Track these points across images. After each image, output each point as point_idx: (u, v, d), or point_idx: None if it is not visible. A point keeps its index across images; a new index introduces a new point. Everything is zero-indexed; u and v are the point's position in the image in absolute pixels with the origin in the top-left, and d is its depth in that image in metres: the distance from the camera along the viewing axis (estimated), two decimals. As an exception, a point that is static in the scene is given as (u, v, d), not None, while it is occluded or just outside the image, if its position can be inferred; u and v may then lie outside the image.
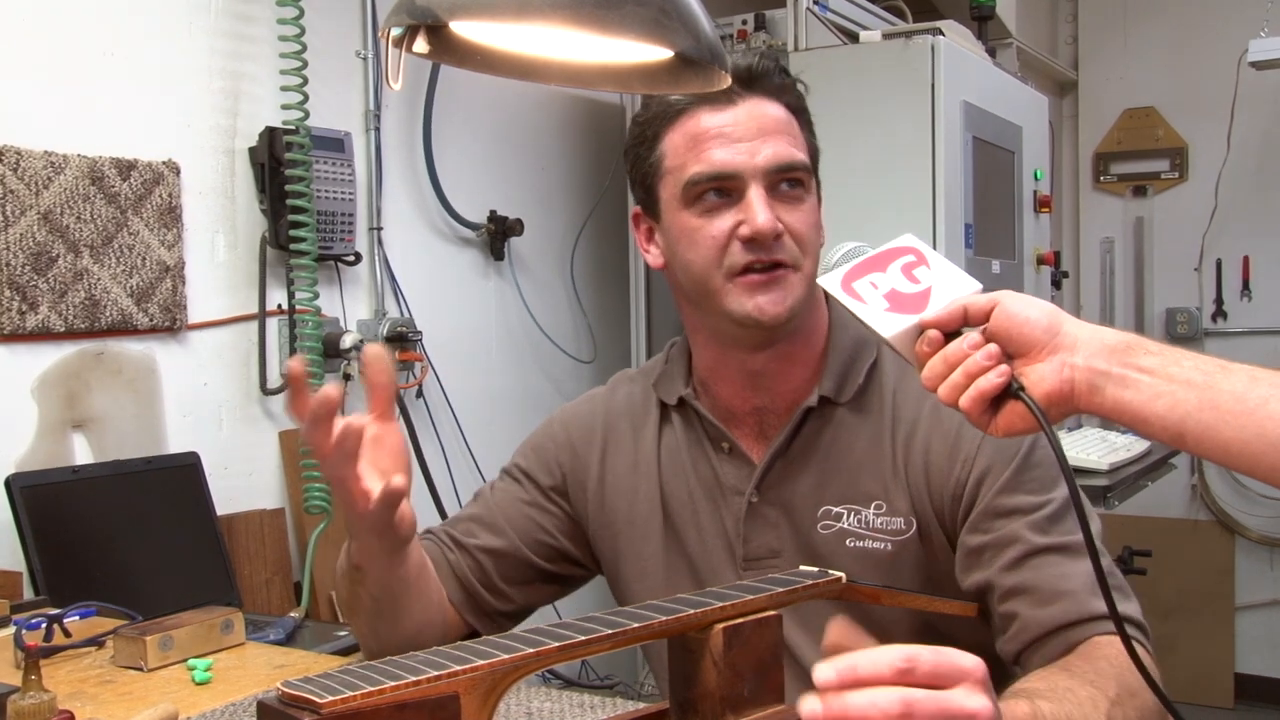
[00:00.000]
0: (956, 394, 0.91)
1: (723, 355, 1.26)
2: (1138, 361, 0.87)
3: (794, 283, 1.19)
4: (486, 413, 2.77)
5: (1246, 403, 0.83)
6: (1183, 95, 4.26)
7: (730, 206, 1.18)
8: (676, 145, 1.21)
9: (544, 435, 1.38)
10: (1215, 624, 4.18)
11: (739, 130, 1.18)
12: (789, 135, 1.20)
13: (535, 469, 1.36)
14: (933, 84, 2.55)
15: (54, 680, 1.26)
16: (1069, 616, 1.07)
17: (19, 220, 1.83)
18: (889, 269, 0.98)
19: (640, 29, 0.75)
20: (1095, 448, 2.62)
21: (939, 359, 0.93)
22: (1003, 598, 1.11)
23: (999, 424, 0.91)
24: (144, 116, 2.04)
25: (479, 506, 1.36)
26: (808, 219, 1.21)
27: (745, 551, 1.24)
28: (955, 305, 0.94)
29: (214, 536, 1.99)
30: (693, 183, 1.19)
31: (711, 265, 1.19)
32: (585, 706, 1.16)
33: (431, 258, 2.67)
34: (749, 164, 1.17)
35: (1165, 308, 4.33)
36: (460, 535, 1.32)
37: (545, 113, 2.99)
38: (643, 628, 0.88)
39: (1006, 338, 0.91)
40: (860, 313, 0.97)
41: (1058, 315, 0.91)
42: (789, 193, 1.20)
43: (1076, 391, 0.89)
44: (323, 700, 0.73)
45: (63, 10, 1.92)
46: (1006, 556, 1.11)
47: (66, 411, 1.92)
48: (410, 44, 0.86)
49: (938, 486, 1.18)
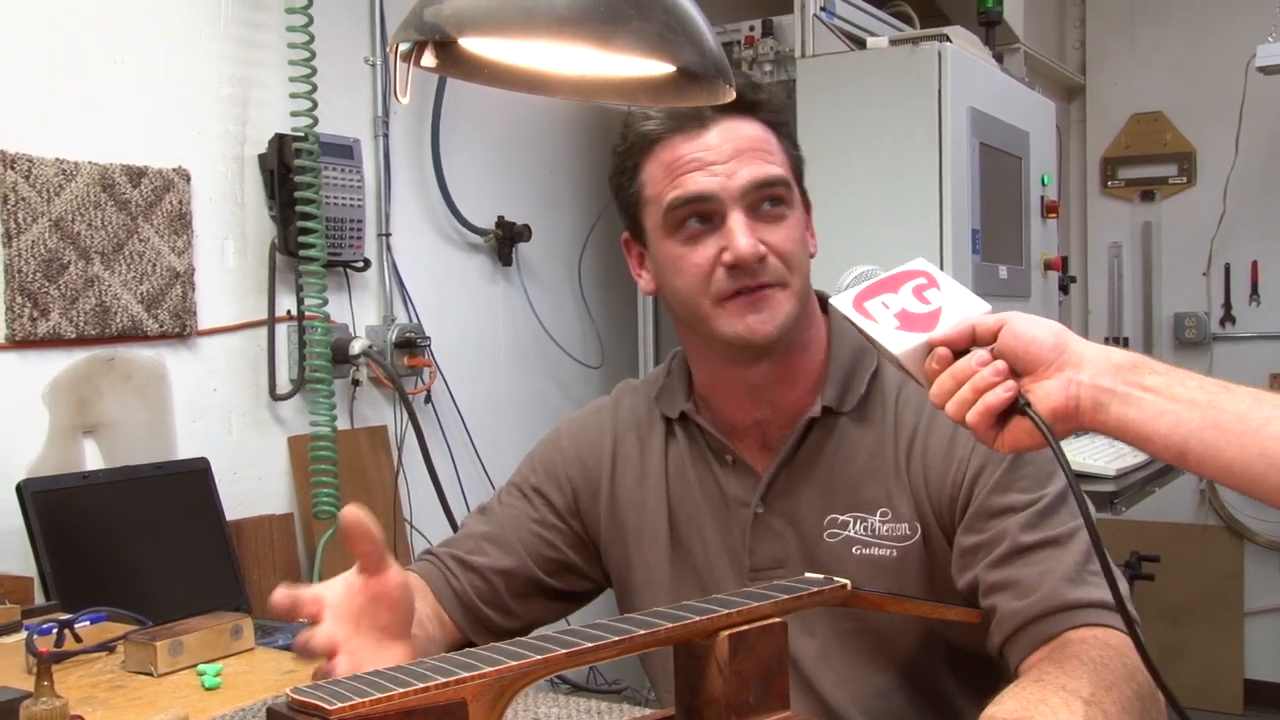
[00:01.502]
0: (964, 409, 0.93)
1: (722, 371, 1.26)
2: (1142, 380, 0.89)
3: (782, 300, 1.19)
4: (494, 418, 2.78)
5: (1249, 423, 0.84)
6: (1191, 100, 4.26)
7: (712, 233, 1.19)
8: (654, 175, 1.21)
9: (552, 449, 1.38)
10: (1224, 630, 4.17)
11: (713, 154, 1.18)
12: (765, 153, 1.20)
13: (545, 485, 1.35)
14: (940, 90, 2.56)
15: (65, 685, 1.27)
16: (1045, 607, 1.08)
17: (30, 227, 1.84)
18: (900, 290, 1.00)
19: (645, 44, 0.76)
20: (1102, 453, 2.62)
21: (947, 375, 0.94)
22: (985, 593, 1.12)
23: (1005, 440, 0.93)
24: (154, 124, 2.05)
25: (488, 524, 1.35)
26: (791, 235, 1.20)
27: (752, 562, 1.25)
28: (964, 324, 0.96)
29: (223, 541, 2.00)
30: (672, 208, 1.19)
31: (698, 293, 1.20)
32: (593, 713, 1.16)
33: (440, 264, 2.68)
34: (726, 186, 1.17)
35: (1173, 313, 4.32)
36: (467, 555, 1.32)
37: (553, 119, 3.00)
38: (649, 634, 0.89)
39: (1014, 356, 0.92)
40: (872, 331, 0.99)
41: (1064, 334, 0.93)
42: (770, 211, 1.20)
43: (1082, 408, 0.90)
44: (332, 707, 0.73)
45: (73, 18, 1.93)
46: (994, 554, 1.12)
47: (77, 417, 1.93)
48: (418, 59, 0.87)
49: (936, 489, 1.19)
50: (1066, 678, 0.96)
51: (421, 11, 0.78)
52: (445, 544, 1.37)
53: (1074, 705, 0.92)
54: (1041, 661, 1.04)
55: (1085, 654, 1.00)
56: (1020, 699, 0.94)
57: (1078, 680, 0.96)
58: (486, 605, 1.30)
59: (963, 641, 1.21)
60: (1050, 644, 1.06)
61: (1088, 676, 0.96)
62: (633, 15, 0.74)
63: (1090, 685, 0.95)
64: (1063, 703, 0.92)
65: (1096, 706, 0.93)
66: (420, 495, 2.51)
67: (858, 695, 1.23)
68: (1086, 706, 0.92)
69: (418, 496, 2.52)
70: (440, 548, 1.36)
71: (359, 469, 2.40)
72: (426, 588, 1.30)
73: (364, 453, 2.42)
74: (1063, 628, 1.07)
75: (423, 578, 1.31)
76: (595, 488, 1.34)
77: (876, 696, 1.23)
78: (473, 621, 1.30)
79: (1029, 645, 1.08)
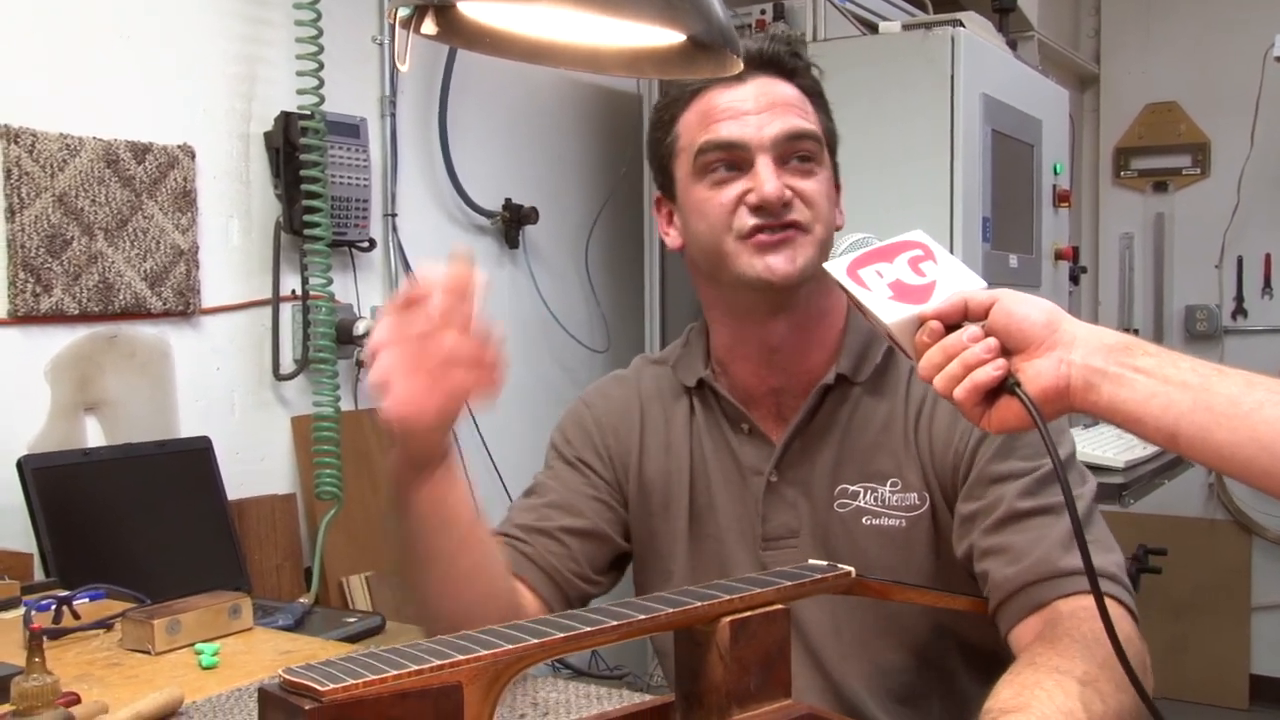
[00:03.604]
0: (952, 385, 0.92)
1: (740, 331, 1.26)
2: (1134, 361, 0.88)
3: (805, 244, 1.19)
4: (499, 401, 2.76)
5: (1240, 406, 0.83)
6: (1205, 90, 4.22)
7: (740, 177, 1.20)
8: (689, 123, 1.23)
9: (584, 420, 1.35)
10: (1230, 624, 4.16)
11: (747, 104, 1.20)
12: (800, 110, 1.22)
13: (586, 454, 1.33)
14: (952, 76, 2.53)
15: (62, 662, 1.26)
16: (1035, 574, 1.07)
17: (34, 203, 1.83)
18: (896, 260, 0.99)
19: (650, 12, 0.74)
20: (1111, 445, 2.60)
21: (937, 349, 0.93)
22: (979, 558, 1.12)
23: (993, 418, 0.92)
24: (159, 100, 2.04)
25: (545, 495, 1.31)
26: (819, 187, 1.21)
27: (764, 531, 1.25)
28: (957, 298, 0.94)
29: (225, 521, 1.99)
30: (701, 152, 1.21)
31: (721, 230, 1.20)
32: (592, 697, 1.15)
33: (445, 245, 2.66)
34: (756, 136, 1.19)
35: (1185, 305, 4.30)
36: (537, 522, 1.28)
37: (561, 100, 2.98)
38: (649, 620, 0.88)
39: (1006, 333, 0.91)
40: (863, 299, 0.97)
41: (1057, 313, 0.92)
42: (799, 165, 1.21)
43: (1072, 388, 0.89)
44: (324, 688, 0.72)
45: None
46: (989, 519, 1.12)
47: (79, 394, 1.92)
48: (418, 25, 0.85)
49: (941, 459, 1.19)
50: (1060, 658, 0.95)
51: (420, -25, 0.76)
52: (505, 522, 1.31)
53: (1069, 687, 0.90)
54: (1034, 642, 1.02)
55: (1077, 630, 0.99)
56: (1014, 686, 0.92)
57: (1070, 660, 0.94)
58: (568, 570, 1.26)
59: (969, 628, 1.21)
60: (1041, 612, 1.06)
61: (1080, 655, 0.95)
62: (637, -19, 0.73)
63: (1084, 663, 0.94)
64: (1056, 684, 0.90)
65: (1091, 687, 0.91)
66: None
67: (864, 671, 1.22)
68: (1082, 687, 0.90)
69: (421, 479, 2.51)
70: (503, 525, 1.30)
71: (362, 450, 2.39)
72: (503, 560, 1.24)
73: (367, 434, 2.41)
74: (1053, 595, 1.06)
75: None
76: (627, 459, 1.33)
77: (882, 674, 1.22)
78: (554, 588, 1.25)
79: (1019, 612, 1.07)
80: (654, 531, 1.32)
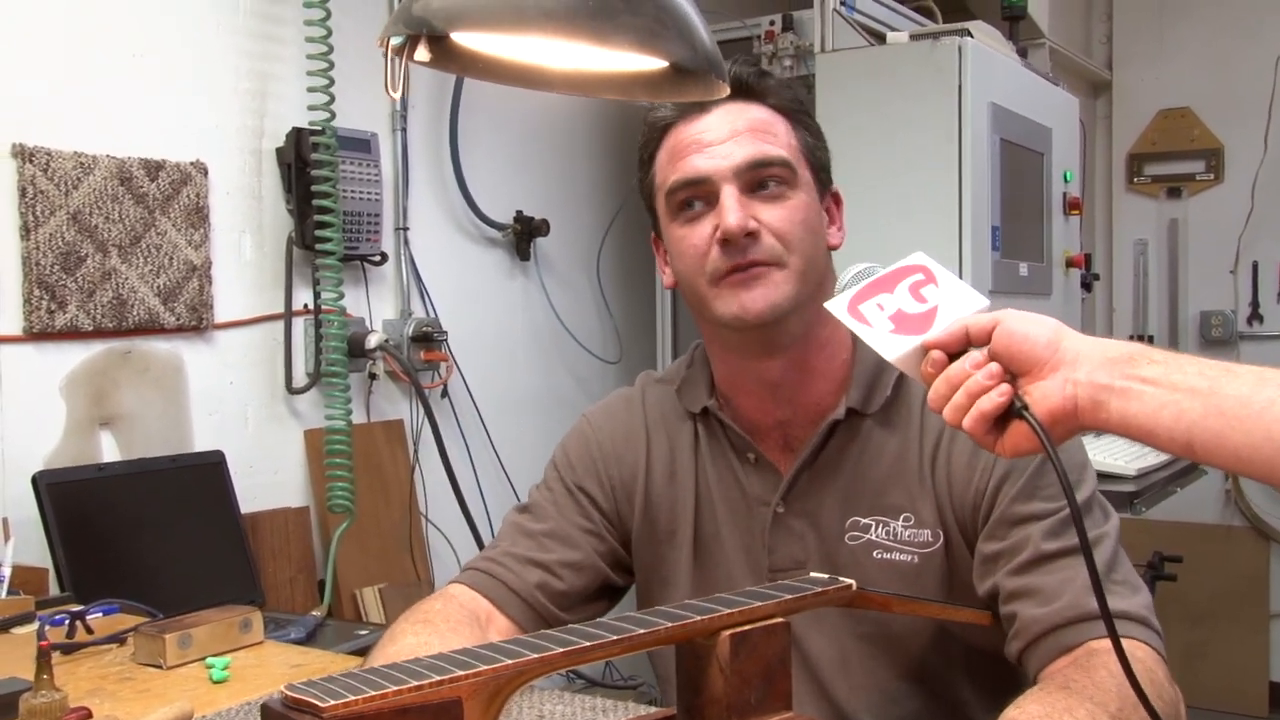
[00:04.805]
0: (960, 415, 0.90)
1: (739, 367, 1.24)
2: (1140, 372, 0.85)
3: (777, 280, 1.17)
4: (512, 413, 2.78)
5: (1252, 406, 0.79)
6: (1219, 96, 4.20)
7: (709, 212, 1.19)
8: (662, 162, 1.23)
9: (589, 445, 1.34)
10: (1249, 631, 4.13)
11: (710, 134, 1.19)
12: (766, 134, 1.19)
13: (586, 482, 1.32)
14: (960, 85, 2.53)
15: (75, 676, 1.28)
16: (1065, 616, 1.06)
17: (48, 220, 1.85)
18: (897, 289, 0.98)
19: (635, 39, 0.75)
20: (1123, 453, 2.59)
21: (941, 380, 0.91)
22: (1006, 599, 1.11)
23: (1005, 444, 0.90)
24: (172, 117, 2.06)
25: (541, 521, 1.30)
26: (790, 215, 1.18)
27: (771, 562, 1.23)
28: (957, 325, 0.93)
29: (238, 535, 2.00)
30: (671, 192, 1.20)
31: (696, 273, 1.19)
32: (597, 710, 1.16)
33: (457, 258, 2.68)
34: (718, 167, 1.17)
35: (1199, 311, 4.28)
36: (530, 552, 1.26)
37: (571, 112, 2.99)
38: (649, 633, 0.88)
39: (1009, 356, 0.89)
40: (866, 336, 0.96)
41: (1060, 330, 0.89)
42: (769, 192, 1.18)
43: (1080, 408, 0.87)
44: (325, 704, 0.73)
45: (92, 12, 1.94)
46: (1015, 561, 1.11)
47: (94, 409, 1.94)
48: (411, 53, 0.86)
49: (959, 496, 1.17)
50: (1095, 689, 0.94)
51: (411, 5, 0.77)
52: (492, 546, 1.30)
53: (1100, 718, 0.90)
54: (1067, 667, 1.02)
55: (1113, 665, 0.97)
56: (1045, 704, 0.92)
57: (1105, 693, 0.94)
58: (552, 602, 1.24)
59: (973, 643, 1.20)
60: (1071, 653, 1.05)
61: (1116, 691, 0.94)
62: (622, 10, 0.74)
63: (1118, 700, 0.93)
64: (1089, 714, 0.90)
65: None
66: (436, 490, 2.51)
67: (873, 702, 1.21)
68: None
69: (434, 491, 2.53)
70: (488, 552, 1.29)
71: (375, 463, 2.40)
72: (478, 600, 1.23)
73: (380, 447, 2.43)
74: (1084, 638, 1.05)
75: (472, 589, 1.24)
76: (631, 487, 1.31)
77: (891, 703, 1.21)
78: (536, 621, 1.23)
79: (1050, 654, 1.06)
80: (659, 559, 1.31)
